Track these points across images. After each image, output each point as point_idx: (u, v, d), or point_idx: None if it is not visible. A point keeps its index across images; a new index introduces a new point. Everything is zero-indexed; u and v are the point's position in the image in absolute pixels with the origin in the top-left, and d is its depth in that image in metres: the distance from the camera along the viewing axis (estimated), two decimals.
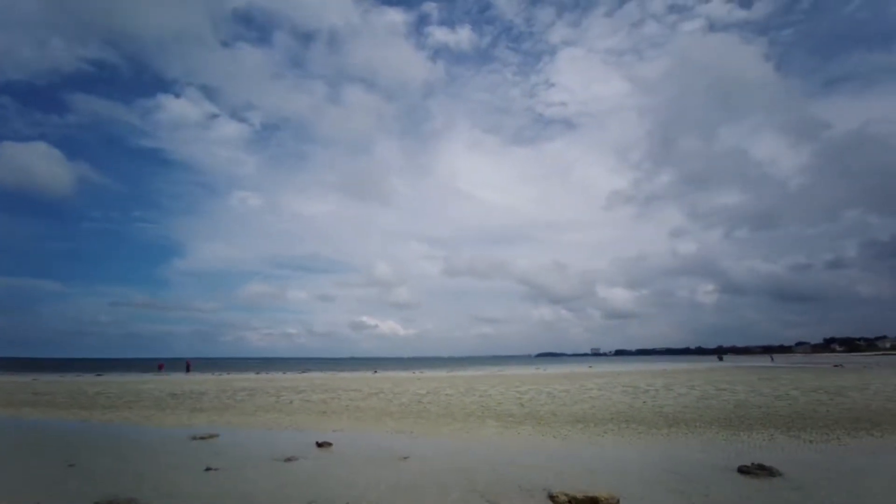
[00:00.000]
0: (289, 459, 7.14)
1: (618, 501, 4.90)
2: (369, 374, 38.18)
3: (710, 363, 55.88)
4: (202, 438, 9.11)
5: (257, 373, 41.05)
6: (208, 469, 6.54)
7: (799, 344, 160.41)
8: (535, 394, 17.03)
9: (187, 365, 47.21)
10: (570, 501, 4.93)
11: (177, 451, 8.04)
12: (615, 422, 10.47)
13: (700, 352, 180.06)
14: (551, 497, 5.07)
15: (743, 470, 6.07)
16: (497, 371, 41.80)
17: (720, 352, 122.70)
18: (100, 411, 13.89)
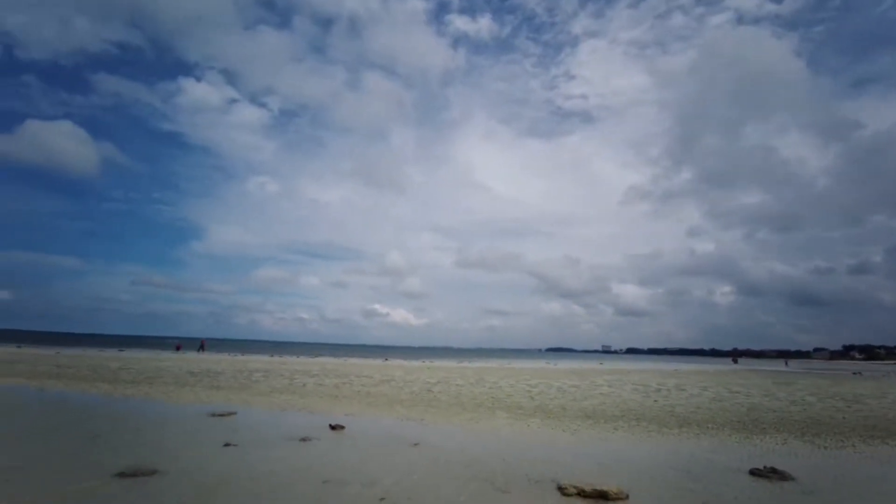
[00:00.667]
0: (303, 440, 7.34)
1: (627, 496, 4.94)
2: (380, 361, 38.66)
3: (723, 365, 55.19)
4: (220, 415, 9.39)
5: (271, 355, 41.89)
6: (227, 445, 6.77)
7: (817, 350, 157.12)
8: (544, 387, 17.08)
9: (201, 344, 48.53)
10: (579, 493, 4.98)
11: (196, 427, 8.31)
12: (625, 419, 10.47)
13: (714, 353, 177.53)
14: (560, 488, 5.13)
15: (755, 472, 6.05)
16: (506, 364, 41.91)
17: (735, 354, 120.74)
18: (122, 386, 14.39)
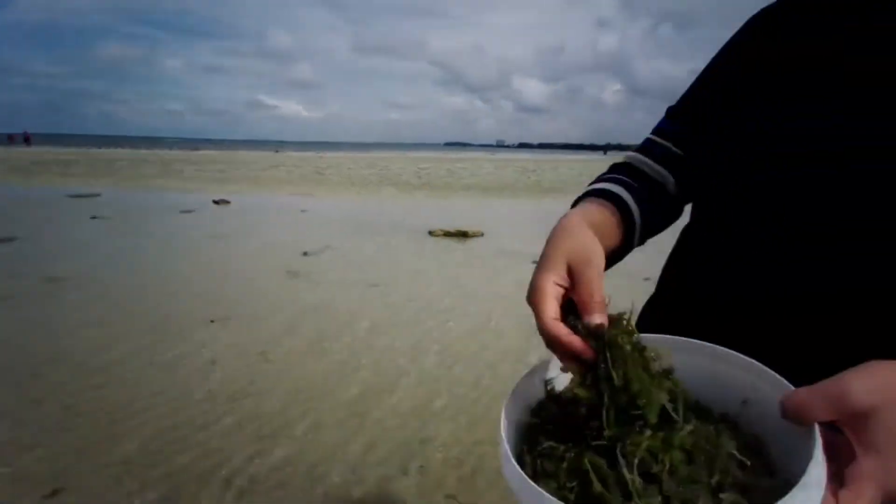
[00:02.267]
0: (184, 212, 7.26)
1: (482, 234, 6.01)
2: (270, 153, 36.59)
3: (596, 156, 62.40)
4: (81, 196, 8.65)
5: (134, 149, 36.99)
6: (94, 217, 6.47)
7: None
8: (434, 170, 18.11)
9: (25, 137, 37.93)
10: (445, 234, 5.93)
11: (55, 206, 7.64)
12: (499, 190, 11.88)
13: (592, 148, 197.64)
14: (430, 232, 6.03)
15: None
16: (402, 154, 42.59)
17: (606, 148, 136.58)
18: None
